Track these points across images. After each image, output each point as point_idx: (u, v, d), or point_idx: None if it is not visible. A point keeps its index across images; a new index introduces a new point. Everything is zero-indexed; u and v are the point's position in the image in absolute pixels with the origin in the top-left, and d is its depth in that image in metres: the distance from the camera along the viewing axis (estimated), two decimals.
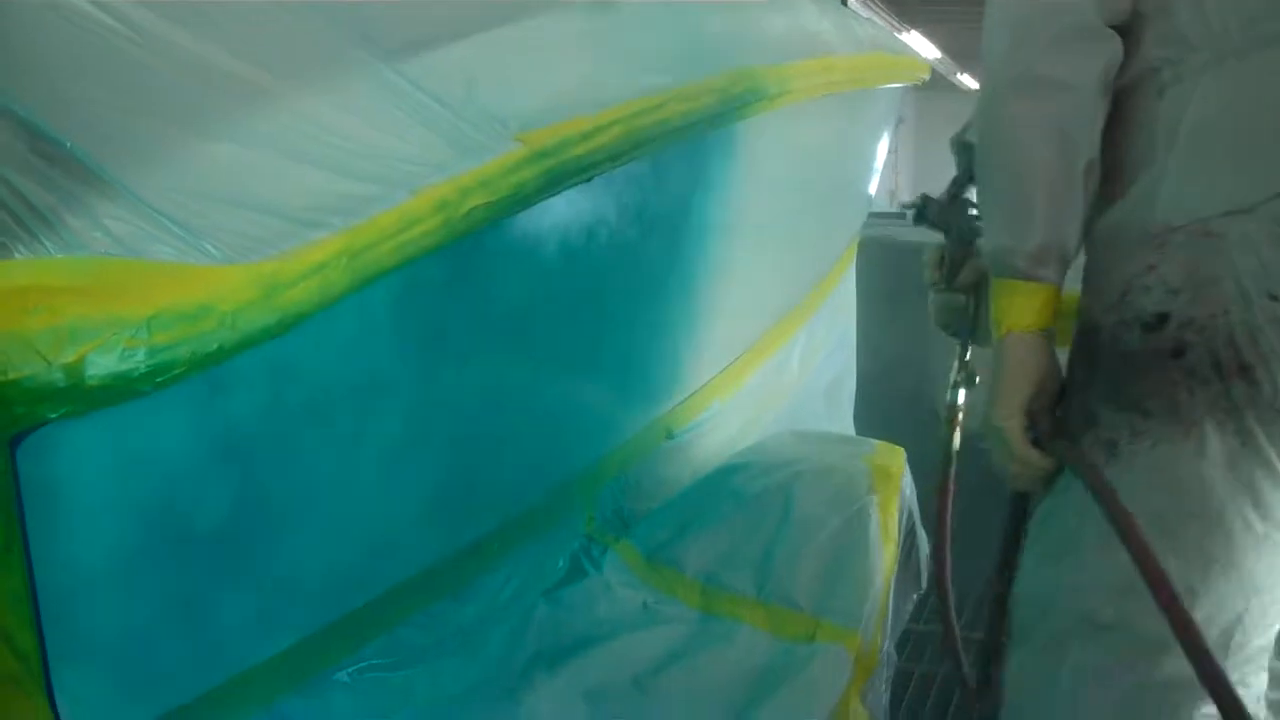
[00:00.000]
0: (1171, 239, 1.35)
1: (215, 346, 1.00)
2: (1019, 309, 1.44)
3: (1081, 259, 1.49)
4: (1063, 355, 1.51)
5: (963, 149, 1.68)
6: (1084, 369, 1.44)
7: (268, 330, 1.03)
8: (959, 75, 13.96)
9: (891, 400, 3.70)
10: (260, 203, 1.09)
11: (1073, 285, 1.49)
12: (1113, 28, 1.37)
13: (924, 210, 1.76)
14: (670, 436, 2.18)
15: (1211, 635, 1.29)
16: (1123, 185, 1.41)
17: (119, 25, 1.13)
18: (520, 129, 1.35)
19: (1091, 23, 1.36)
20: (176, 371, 0.97)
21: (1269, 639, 1.39)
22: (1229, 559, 1.32)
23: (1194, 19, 1.35)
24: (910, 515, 2.33)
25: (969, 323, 1.70)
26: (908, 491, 2.30)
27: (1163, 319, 1.34)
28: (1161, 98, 1.38)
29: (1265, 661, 1.40)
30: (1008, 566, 1.60)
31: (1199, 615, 1.28)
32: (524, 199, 1.33)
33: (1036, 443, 1.46)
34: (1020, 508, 1.59)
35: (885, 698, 2.05)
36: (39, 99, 1.04)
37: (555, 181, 1.37)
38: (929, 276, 1.70)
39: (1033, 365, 1.44)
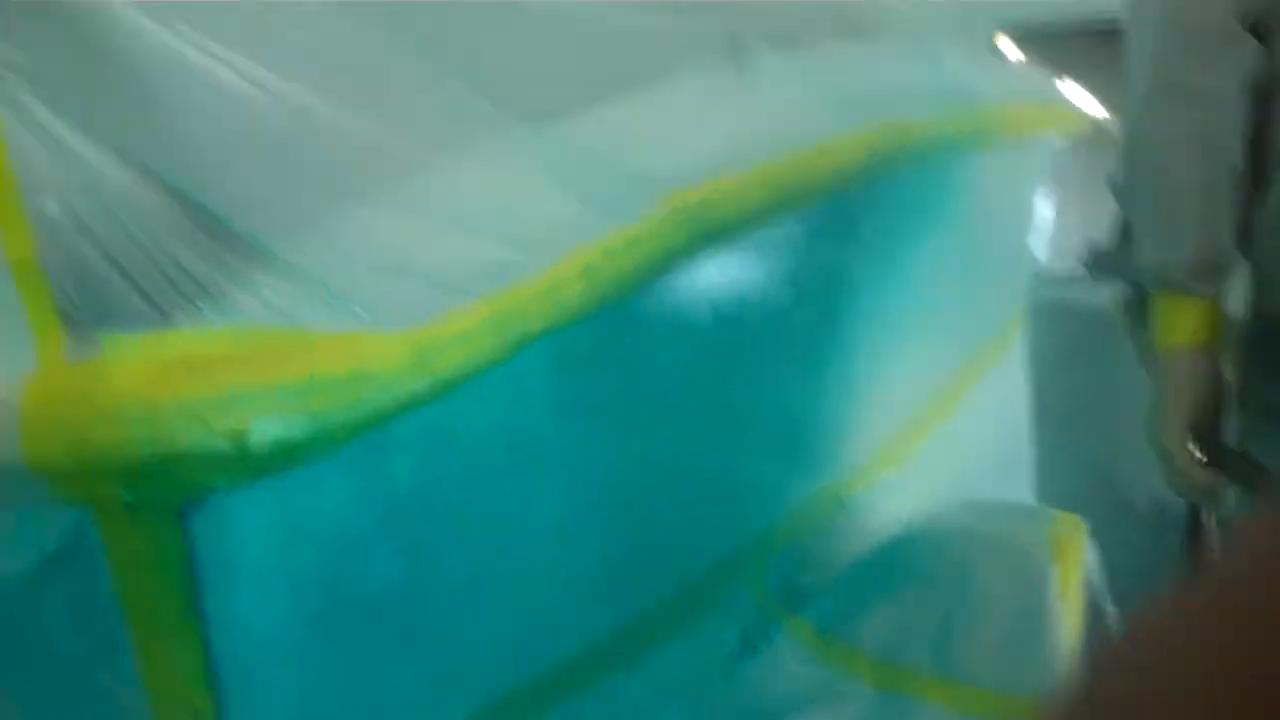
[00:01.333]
0: None
1: (372, 412, 1.01)
2: (1179, 325, 1.43)
3: None
4: None
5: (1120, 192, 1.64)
6: (1260, 364, 1.40)
7: (421, 395, 1.04)
8: None
9: (1073, 471, 3.59)
10: (410, 270, 1.11)
11: None
12: (1252, 26, 1.35)
13: (1096, 261, 1.74)
14: (841, 506, 2.14)
15: None
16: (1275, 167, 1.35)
17: (271, 99, 1.17)
18: (665, 189, 1.35)
19: (1230, 27, 1.34)
20: (336, 437, 0.99)
21: None
22: None
23: None
24: (1094, 587, 2.24)
25: None
26: (1090, 562, 2.21)
27: None
28: None
29: None
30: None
31: None
32: (670, 260, 1.33)
33: (1207, 460, 1.42)
34: (1195, 524, 1.62)
35: None
36: (198, 173, 1.08)
37: (700, 242, 1.37)
38: (1124, 323, 1.67)
39: (1196, 382, 1.42)
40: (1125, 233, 1.65)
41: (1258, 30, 1.36)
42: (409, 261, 1.11)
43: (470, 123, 1.31)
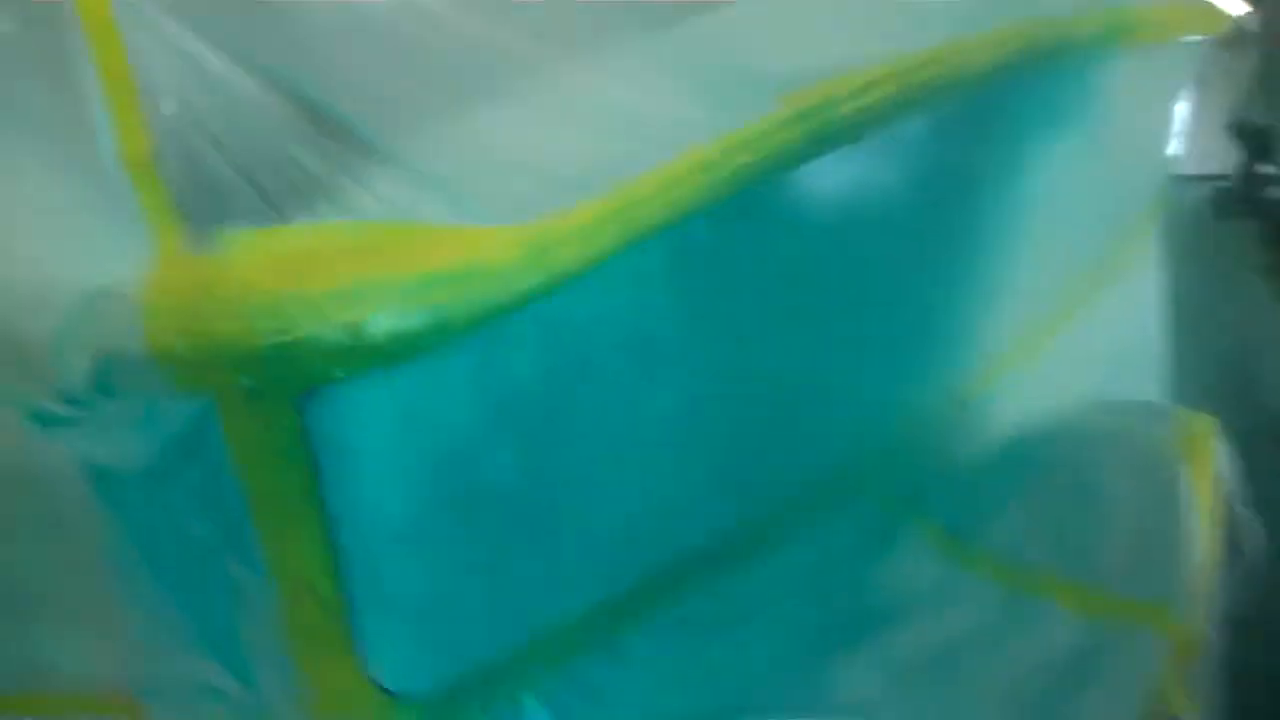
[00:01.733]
0: None
1: (489, 305, 1.03)
2: None
3: None
4: None
5: (1244, 133, 1.60)
6: None
7: (538, 289, 1.06)
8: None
9: (1205, 370, 3.51)
10: (528, 166, 1.12)
11: None
12: None
13: (1223, 201, 1.70)
14: (964, 406, 2.12)
15: None
16: None
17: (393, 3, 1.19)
18: (784, 89, 1.34)
19: None
20: (453, 330, 1.01)
21: None
22: None
23: None
24: (1229, 491, 2.20)
25: None
26: (1223, 463, 2.17)
27: None
28: None
29: None
30: None
31: None
32: (791, 159, 1.32)
33: None
34: None
35: (1207, 688, 1.94)
36: (317, 74, 1.10)
37: (821, 141, 1.36)
38: (1259, 262, 1.62)
39: None
40: (1247, 167, 1.60)
41: None
42: (527, 158, 1.12)
43: (593, 27, 1.32)
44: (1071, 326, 2.43)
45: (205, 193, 0.98)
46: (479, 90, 1.16)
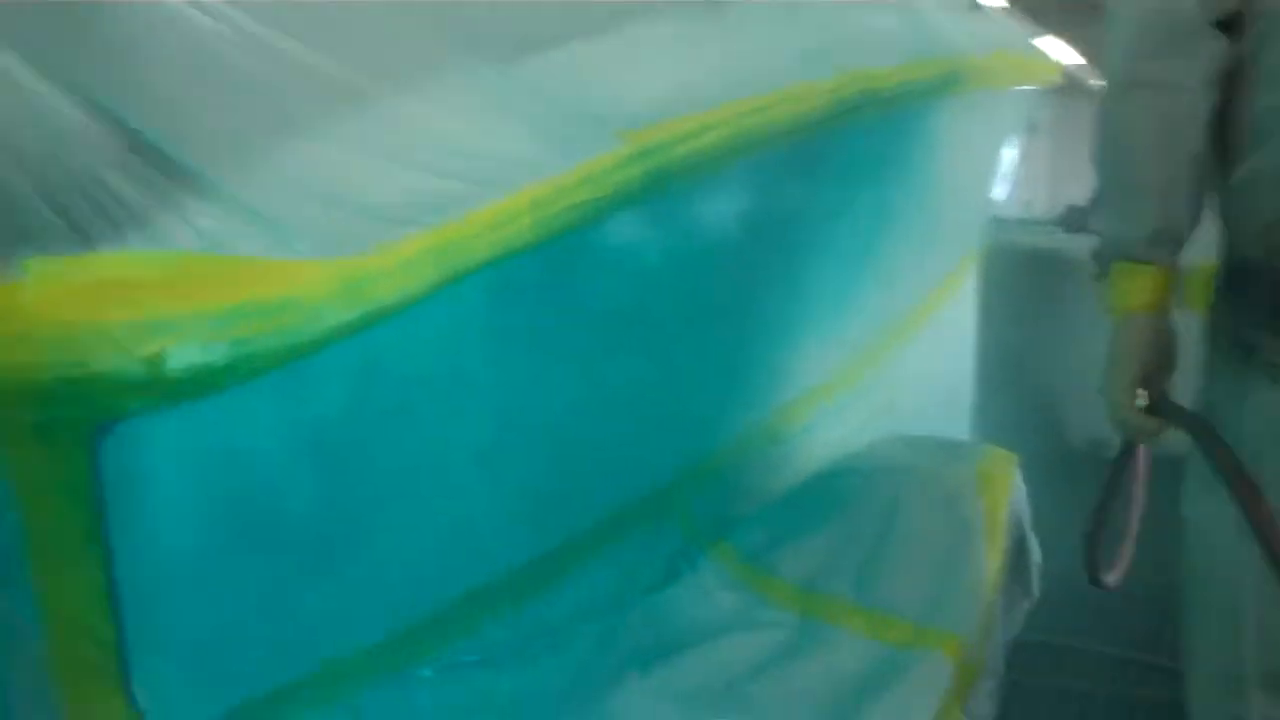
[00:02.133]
0: None
1: (297, 340, 1.00)
2: (1134, 290, 1.54)
3: None
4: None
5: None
6: (1236, 303, 1.50)
7: (351, 325, 1.04)
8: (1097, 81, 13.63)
9: (1016, 409, 3.64)
10: (351, 201, 1.09)
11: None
12: (1220, 21, 1.44)
13: (1072, 219, 1.83)
14: (776, 440, 2.16)
15: None
16: (1255, 139, 1.47)
17: (220, 28, 1.15)
18: (622, 128, 1.34)
19: (1196, 24, 1.44)
20: (258, 365, 0.98)
21: None
22: None
23: None
24: (1020, 523, 2.29)
25: None
26: (1018, 498, 2.26)
27: None
28: None
29: None
30: (1104, 509, 1.75)
31: None
32: (625, 199, 1.32)
33: (1151, 410, 1.55)
34: (1128, 453, 1.72)
35: (991, 709, 2.02)
36: (137, 100, 1.06)
37: (658, 181, 1.36)
38: (1094, 273, 1.73)
39: (1145, 343, 1.53)
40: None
41: (1226, 24, 1.45)
42: (350, 192, 1.09)
43: (429, 60, 1.29)
44: (887, 363, 2.50)
45: (8, 217, 0.94)
46: (305, 122, 1.13)
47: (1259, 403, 1.46)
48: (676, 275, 1.63)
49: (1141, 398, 1.57)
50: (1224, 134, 1.51)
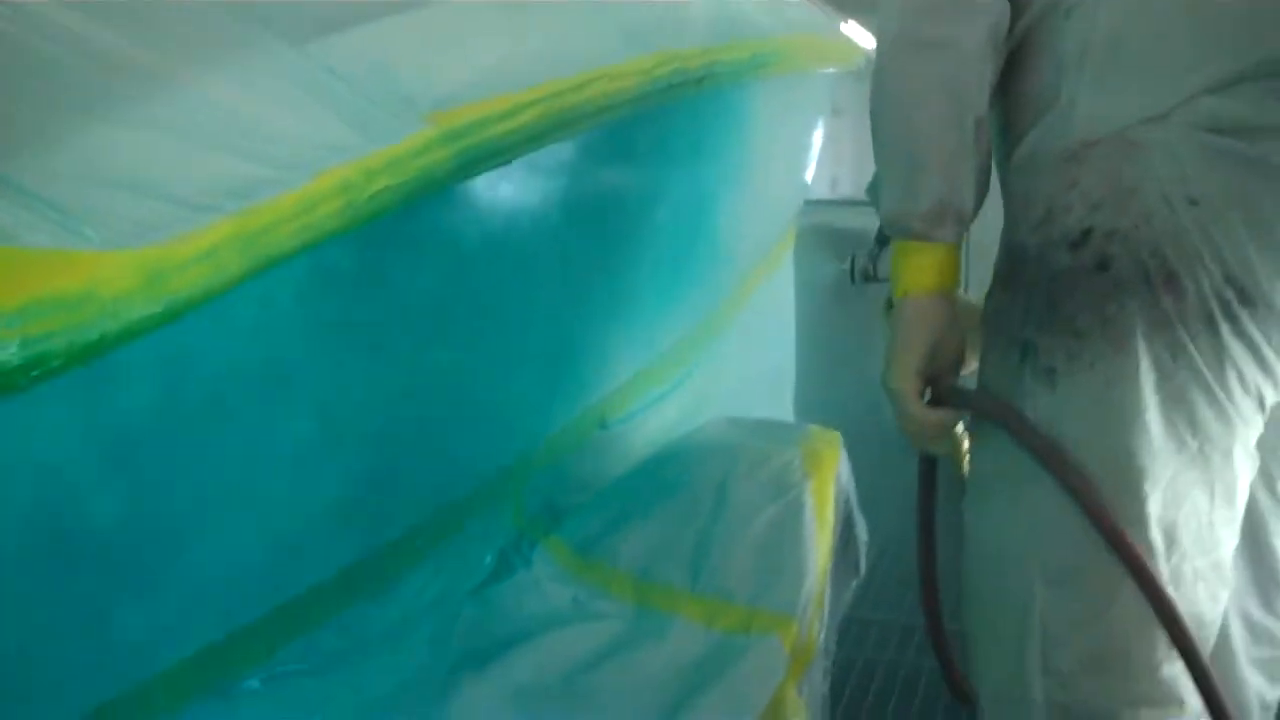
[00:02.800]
0: (1091, 153, 1.37)
1: (96, 336, 0.94)
2: (915, 269, 1.47)
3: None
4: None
5: None
6: (1013, 300, 1.44)
7: (154, 319, 0.97)
8: None
9: (833, 387, 3.69)
10: (149, 187, 1.02)
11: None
12: None
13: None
14: (603, 426, 2.14)
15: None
16: (1035, 115, 1.42)
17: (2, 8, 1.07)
18: (432, 109, 1.29)
19: None
20: (54, 364, 0.91)
21: (1214, 559, 1.40)
22: (1164, 477, 1.34)
23: None
24: (848, 502, 2.31)
25: None
26: (844, 477, 2.28)
27: (1087, 234, 1.36)
28: (1069, 18, 1.38)
29: (1215, 584, 1.40)
30: (927, 533, 1.70)
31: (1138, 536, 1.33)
32: (435, 182, 1.27)
33: (937, 402, 1.51)
34: (929, 473, 1.67)
35: (824, 688, 2.03)
36: None
37: (470, 164, 1.32)
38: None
39: (928, 327, 1.48)
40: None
41: None
42: (149, 178, 1.03)
43: (229, 39, 1.22)
44: (711, 345, 2.50)
45: None
46: (99, 106, 1.06)
47: (1037, 409, 1.41)
48: (495, 260, 1.60)
49: (925, 391, 1.53)
50: (1006, 105, 1.48)
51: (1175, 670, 1.37)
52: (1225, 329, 1.32)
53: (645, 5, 1.81)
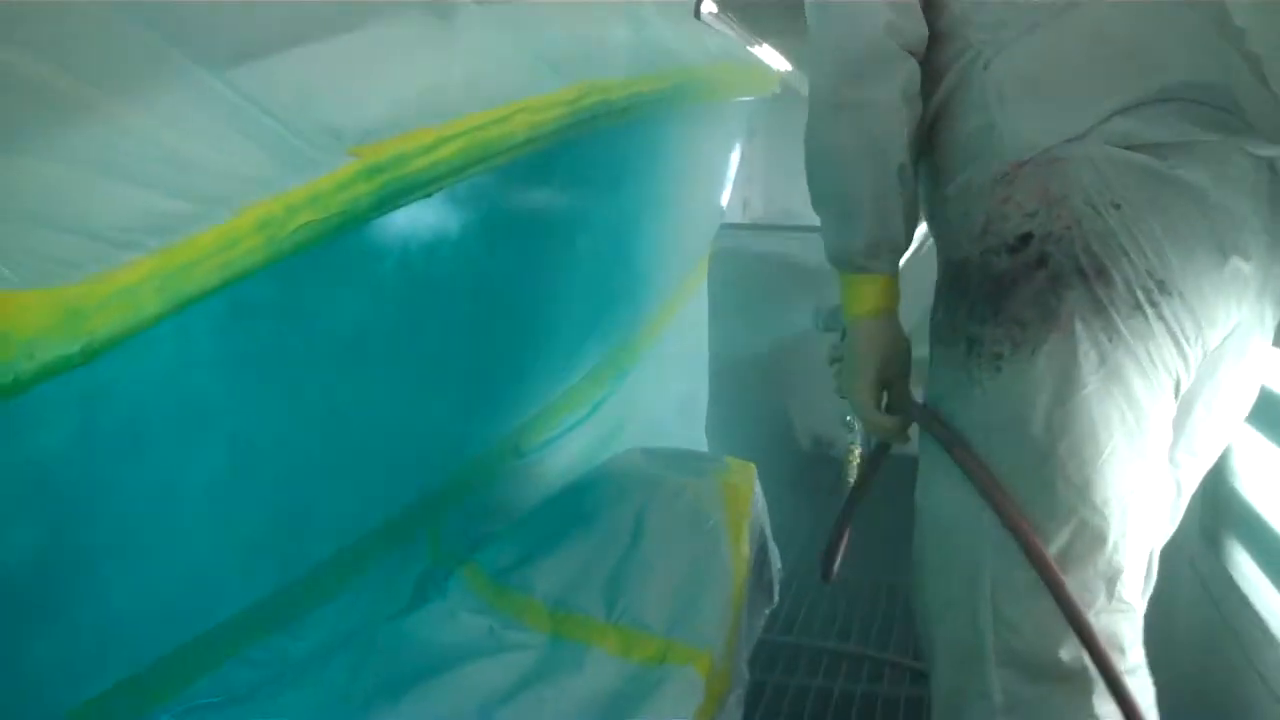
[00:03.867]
0: (1021, 172, 1.52)
1: (11, 378, 0.91)
2: (860, 297, 1.65)
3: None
4: None
5: None
6: (956, 301, 1.59)
7: (71, 359, 0.95)
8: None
9: (746, 412, 3.71)
10: (65, 222, 1.00)
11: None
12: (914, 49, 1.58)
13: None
14: (519, 455, 2.13)
15: (1093, 523, 1.49)
16: (966, 157, 1.59)
17: None
18: (355, 142, 1.28)
19: (889, 50, 1.56)
20: None
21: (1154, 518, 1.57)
22: (1106, 446, 1.48)
23: (1005, 4, 1.54)
24: (762, 531, 2.32)
25: None
26: (759, 507, 2.29)
27: (1026, 238, 1.51)
28: (988, 69, 1.55)
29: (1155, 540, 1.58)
30: (852, 506, 1.86)
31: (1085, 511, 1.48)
32: (358, 215, 1.26)
33: (891, 408, 1.68)
34: (880, 453, 1.83)
35: (739, 714, 2.03)
36: None
37: (393, 197, 1.31)
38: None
39: (878, 344, 1.65)
40: None
41: (922, 47, 1.58)
42: (65, 213, 1.01)
43: (147, 65, 1.20)
44: (627, 372, 2.50)
45: None
46: (13, 136, 1.03)
47: (986, 392, 1.53)
48: (413, 292, 1.59)
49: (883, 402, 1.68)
50: (937, 154, 1.63)
51: (1115, 620, 1.51)
52: (1150, 313, 1.46)
53: (568, 36, 1.81)
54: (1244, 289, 1.51)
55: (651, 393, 2.65)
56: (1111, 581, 1.50)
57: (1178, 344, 1.48)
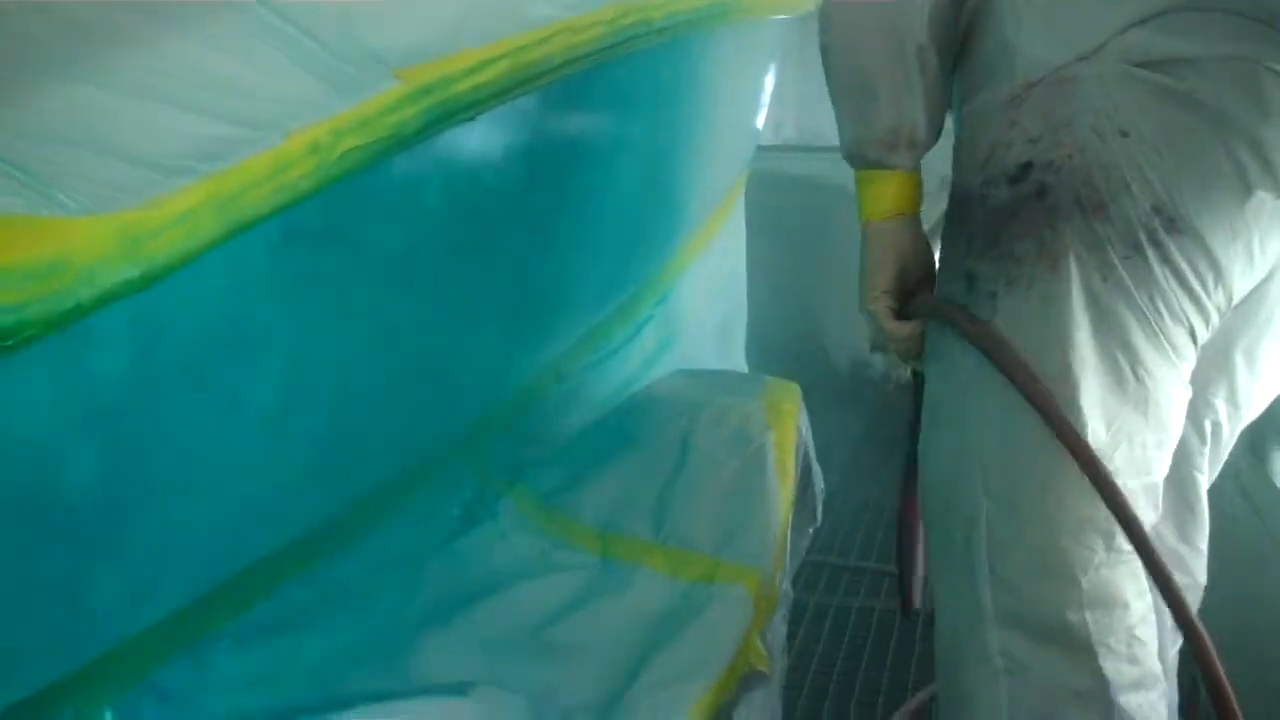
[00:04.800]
0: (1031, 94, 1.43)
1: (73, 304, 0.93)
2: (876, 196, 1.54)
3: None
4: None
5: None
6: (958, 235, 1.51)
7: (131, 284, 0.97)
8: None
9: (784, 334, 3.71)
10: (121, 149, 1.01)
11: None
12: None
13: None
14: (562, 380, 2.14)
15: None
16: (984, 78, 1.50)
17: None
18: (400, 65, 1.28)
19: None
20: (31, 332, 0.90)
21: (1145, 482, 1.45)
22: (1097, 394, 1.40)
23: None
24: (806, 452, 2.33)
25: None
26: (803, 428, 2.29)
27: (1026, 168, 1.43)
28: None
29: (1145, 507, 1.45)
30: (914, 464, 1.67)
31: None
32: (405, 139, 1.26)
33: (906, 316, 1.56)
34: (919, 386, 1.66)
35: (783, 632, 2.05)
36: None
37: (438, 120, 1.31)
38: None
39: (895, 249, 1.55)
40: None
41: None
42: (119, 140, 1.01)
43: None
44: (667, 294, 2.50)
45: None
46: (65, 66, 1.03)
47: (1022, 221, 1.44)
48: (458, 217, 1.59)
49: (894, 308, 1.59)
50: (960, 74, 1.54)
51: (1116, 573, 1.42)
52: (1152, 254, 1.37)
53: None
54: (1275, 225, 1.39)
55: (691, 315, 2.65)
56: (1109, 535, 1.41)
57: (1189, 290, 1.38)
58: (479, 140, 1.57)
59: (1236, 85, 1.35)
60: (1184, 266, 1.37)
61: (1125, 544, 1.40)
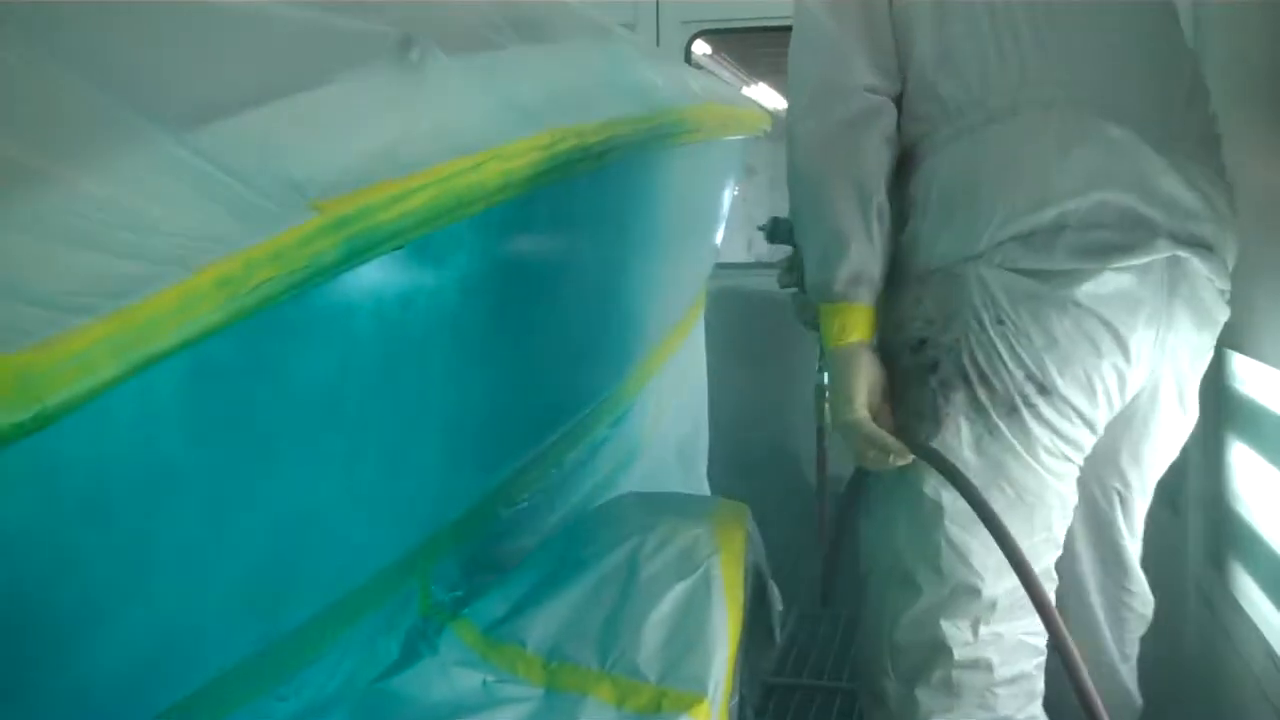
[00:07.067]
0: (931, 278, 1.80)
1: None
2: (840, 327, 1.83)
3: None
4: None
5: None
6: (907, 314, 1.84)
7: (23, 427, 0.94)
8: None
9: (749, 450, 3.68)
10: (16, 290, 0.99)
11: None
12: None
13: (775, 229, 2.21)
14: (511, 504, 2.11)
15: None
16: (908, 249, 1.84)
17: None
18: (320, 195, 1.27)
19: (867, 101, 1.79)
20: None
21: (1040, 568, 1.81)
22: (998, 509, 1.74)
23: (940, 101, 1.79)
24: (759, 572, 2.29)
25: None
26: (754, 548, 2.26)
27: (923, 342, 1.80)
28: (918, 169, 1.83)
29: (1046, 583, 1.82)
30: (839, 533, 2.12)
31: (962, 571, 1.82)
32: (323, 270, 1.25)
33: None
34: (861, 480, 2.01)
35: None
36: None
37: (359, 250, 1.30)
38: (783, 280, 2.10)
39: (860, 371, 1.81)
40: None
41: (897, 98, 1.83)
42: (16, 280, 0.99)
43: (102, 127, 1.19)
44: (626, 416, 2.49)
45: None
46: None
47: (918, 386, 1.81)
48: (390, 345, 1.57)
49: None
50: (900, 202, 1.84)
51: (982, 647, 1.83)
52: (1026, 414, 1.74)
53: (542, 83, 1.81)
54: (1127, 378, 1.76)
55: (651, 435, 2.63)
56: (977, 622, 1.83)
57: (1060, 433, 1.76)
58: (412, 269, 1.56)
59: (1094, 285, 1.70)
60: (1054, 418, 1.75)
61: (990, 627, 1.83)
